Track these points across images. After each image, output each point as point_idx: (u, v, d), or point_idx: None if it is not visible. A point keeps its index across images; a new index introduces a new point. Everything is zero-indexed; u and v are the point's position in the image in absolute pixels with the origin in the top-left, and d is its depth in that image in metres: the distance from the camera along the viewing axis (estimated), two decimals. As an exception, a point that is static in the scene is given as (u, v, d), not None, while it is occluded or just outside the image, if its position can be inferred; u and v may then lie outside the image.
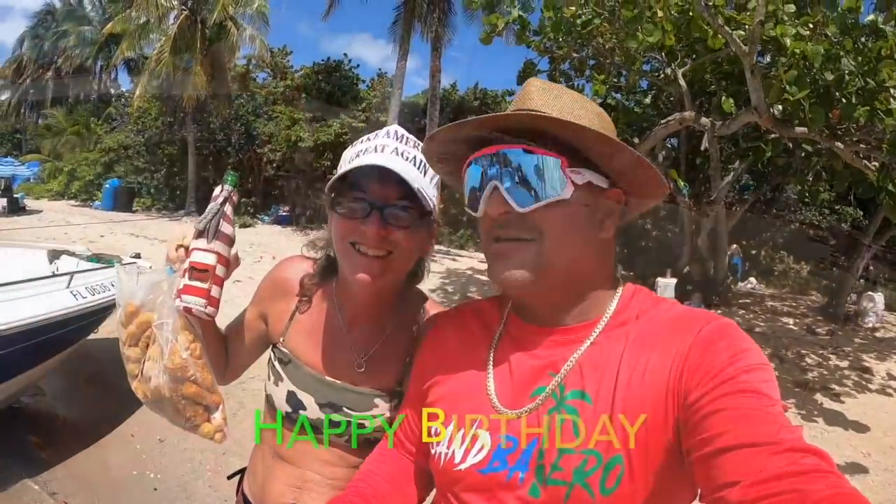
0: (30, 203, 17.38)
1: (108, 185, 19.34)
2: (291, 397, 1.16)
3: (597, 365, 0.81)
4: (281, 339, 1.21)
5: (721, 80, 7.57)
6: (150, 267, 0.99)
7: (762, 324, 8.71)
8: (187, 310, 1.05)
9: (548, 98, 0.85)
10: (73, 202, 20.84)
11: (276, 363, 1.21)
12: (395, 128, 1.11)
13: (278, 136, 17.48)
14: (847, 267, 9.84)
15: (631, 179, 0.86)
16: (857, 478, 3.99)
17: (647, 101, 10.30)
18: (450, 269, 11.82)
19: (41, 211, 15.81)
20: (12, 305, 3.24)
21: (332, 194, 1.06)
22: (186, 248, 1.07)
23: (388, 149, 1.05)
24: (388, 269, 1.05)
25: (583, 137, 0.79)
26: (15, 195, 15.92)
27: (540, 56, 7.68)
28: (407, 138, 1.09)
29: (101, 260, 4.86)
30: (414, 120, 18.39)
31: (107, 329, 4.97)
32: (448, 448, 0.87)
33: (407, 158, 1.04)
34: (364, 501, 0.95)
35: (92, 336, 4.65)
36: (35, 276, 3.72)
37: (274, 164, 18.72)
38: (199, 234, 1.06)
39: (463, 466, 0.84)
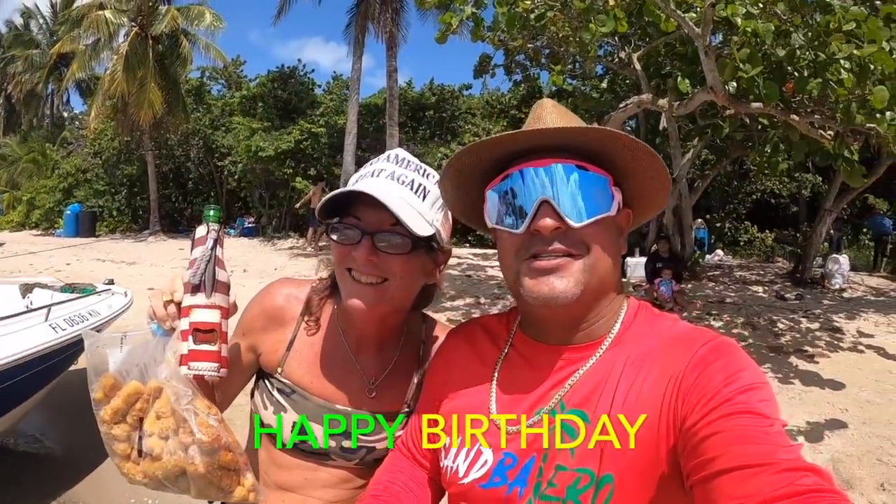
0: (-10, 236, 16.87)
1: (69, 212, 18.85)
2: (298, 428, 1.12)
3: (596, 385, 0.82)
4: (279, 370, 1.16)
5: (676, 61, 7.74)
6: (124, 335, 0.87)
7: (733, 294, 8.93)
8: (198, 378, 0.93)
9: (566, 119, 0.89)
10: (34, 231, 20.31)
11: (276, 393, 1.15)
12: (396, 151, 1.10)
13: (238, 148, 17.27)
14: (810, 232, 10.13)
15: (645, 201, 0.92)
16: (837, 433, 4.14)
17: (604, 85, 10.47)
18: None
19: (3, 244, 15.32)
20: (-7, 344, 3.20)
21: (329, 219, 1.03)
22: (178, 305, 0.96)
23: (384, 173, 1.04)
24: (383, 296, 1.02)
25: (635, 157, 0.84)
26: (-27, 230, 15.42)
27: (495, 49, 7.76)
28: (407, 161, 1.07)
29: (76, 289, 4.78)
30: (373, 121, 18.36)
31: (84, 357, 4.91)
32: (453, 462, 0.89)
33: (403, 182, 1.03)
34: None
35: (73, 367, 4.59)
36: (11, 312, 3.66)
37: (235, 176, 18.51)
38: (195, 289, 0.94)
39: (466, 481, 0.86)
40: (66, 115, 29.95)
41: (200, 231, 0.97)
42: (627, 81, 9.25)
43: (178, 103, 17.63)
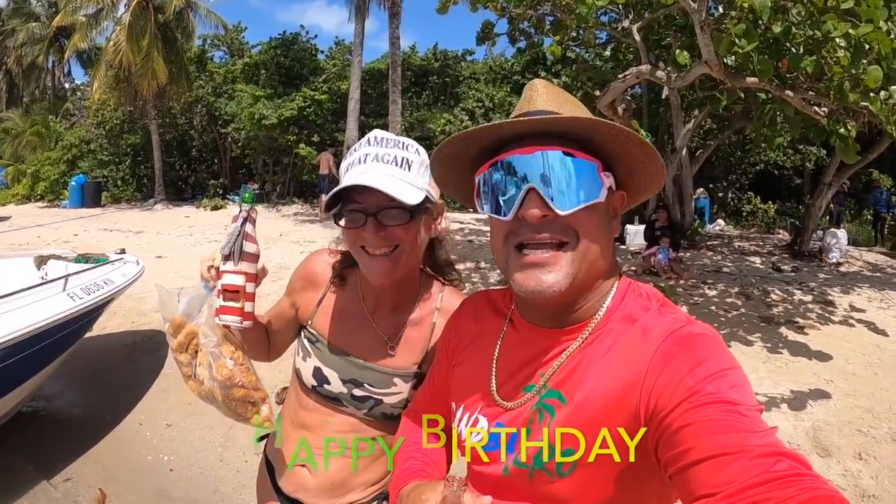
0: (-3, 210, 16.99)
1: (74, 183, 18.91)
2: (317, 372, 1.32)
3: (574, 368, 0.86)
4: (309, 322, 1.37)
5: (675, 33, 7.73)
6: (181, 289, 1.12)
7: (730, 264, 9.00)
8: (226, 326, 1.17)
9: (557, 100, 0.89)
10: (40, 204, 20.37)
11: (306, 341, 1.37)
12: (374, 133, 1.23)
13: (241, 115, 17.25)
14: (811, 205, 10.16)
15: (638, 184, 0.92)
16: (820, 402, 4.26)
17: (607, 53, 10.40)
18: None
19: (9, 217, 15.46)
20: (16, 315, 3.35)
21: (334, 210, 1.19)
22: (217, 269, 1.17)
23: (369, 157, 1.17)
24: (397, 261, 1.18)
25: (624, 143, 0.83)
26: (-20, 205, 15.48)
27: (498, 17, 7.74)
28: (386, 140, 1.20)
29: (89, 259, 4.92)
30: (376, 86, 18.27)
31: (99, 326, 5.08)
32: (458, 426, 1.00)
33: (387, 161, 1.16)
34: (430, 468, 1.07)
35: (88, 334, 4.77)
36: (30, 283, 3.82)
37: (239, 144, 18.53)
38: (226, 258, 1.14)
39: (468, 443, 0.96)
40: (67, 86, 29.75)
41: (236, 210, 1.18)
42: (631, 50, 9.18)
43: (181, 72, 17.57)
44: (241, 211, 1.17)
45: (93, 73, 18.89)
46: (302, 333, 1.40)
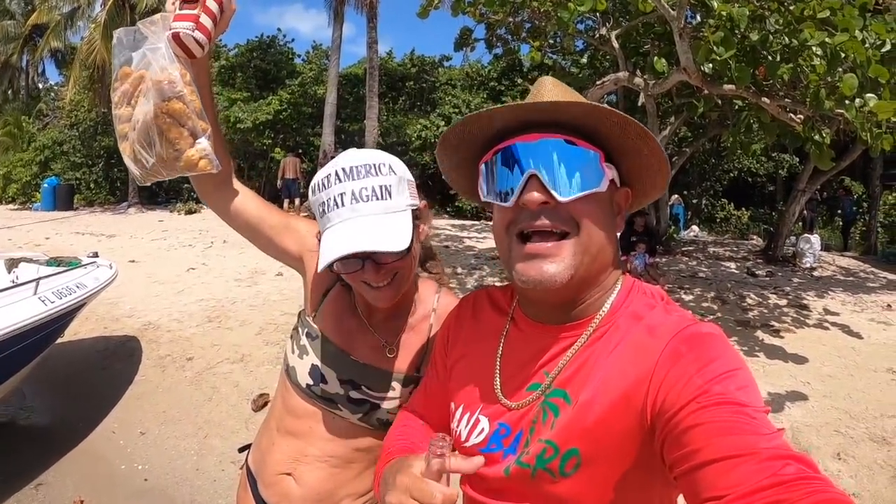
0: (-34, 213, 16.54)
1: (46, 185, 18.49)
2: (315, 371, 1.26)
3: (580, 367, 0.84)
4: (313, 315, 1.31)
5: (653, 41, 7.83)
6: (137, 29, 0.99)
7: (705, 269, 9.12)
8: (175, 36, 1.05)
9: (565, 95, 0.88)
10: (11, 206, 19.91)
11: (304, 338, 1.30)
12: (342, 164, 1.12)
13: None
14: (784, 211, 10.35)
15: (642, 180, 0.91)
16: (798, 404, 4.33)
17: (584, 60, 10.51)
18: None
19: (-23, 219, 15.10)
20: (-17, 318, 3.26)
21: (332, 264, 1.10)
22: None
23: (346, 196, 1.09)
24: (399, 286, 1.17)
25: (628, 135, 0.84)
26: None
27: (476, 23, 7.78)
28: (356, 170, 1.10)
29: (61, 263, 4.82)
30: (352, 91, 18.23)
31: (71, 331, 4.96)
32: (457, 426, 0.97)
33: (366, 198, 1.09)
34: (415, 446, 1.02)
35: (59, 340, 4.65)
36: (1, 287, 3.71)
37: (215, 149, 18.30)
38: None
39: (468, 444, 0.93)
40: (41, 86, 29.12)
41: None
42: (608, 57, 9.29)
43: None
44: None
45: (67, 73, 18.54)
46: (300, 330, 1.33)
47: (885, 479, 3.47)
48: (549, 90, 0.89)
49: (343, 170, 1.11)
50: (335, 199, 1.09)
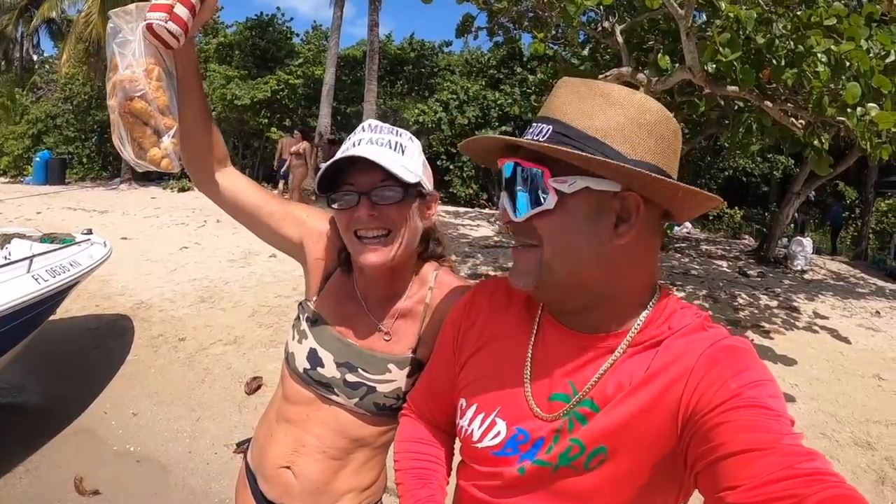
0: (-43, 185, 16.32)
1: (38, 159, 18.25)
2: (312, 354, 1.26)
3: (614, 384, 0.84)
4: (313, 299, 1.33)
5: (658, 37, 7.80)
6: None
7: (697, 267, 9.15)
8: (149, 27, 1.03)
9: (567, 102, 0.83)
10: (2, 179, 19.65)
11: (304, 322, 1.30)
12: (368, 122, 1.21)
13: (212, 96, 16.89)
14: (778, 212, 10.40)
15: (646, 184, 0.82)
16: (785, 406, 4.41)
17: (585, 52, 10.46)
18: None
19: (-31, 192, 14.91)
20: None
21: (327, 195, 1.17)
22: None
23: (363, 141, 1.15)
24: (390, 247, 1.15)
25: (554, 153, 0.80)
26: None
27: (479, 10, 7.72)
28: (380, 127, 1.19)
29: (55, 240, 4.77)
30: (350, 73, 18.12)
31: (63, 309, 4.93)
32: (469, 425, 0.96)
33: (381, 144, 1.14)
34: (439, 493, 1.05)
35: (51, 317, 4.62)
36: (-7, 264, 3.69)
37: (209, 125, 18.15)
38: None
39: (479, 445, 0.93)
40: (35, 58, 28.69)
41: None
42: (609, 50, 9.25)
43: (153, 49, 17.10)
44: None
45: (62, 46, 18.25)
46: (301, 316, 1.34)
47: (869, 483, 3.53)
48: (559, 98, 0.85)
49: (369, 125, 1.20)
50: (353, 143, 1.16)
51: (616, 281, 0.85)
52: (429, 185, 1.21)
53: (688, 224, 14.51)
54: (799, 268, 9.57)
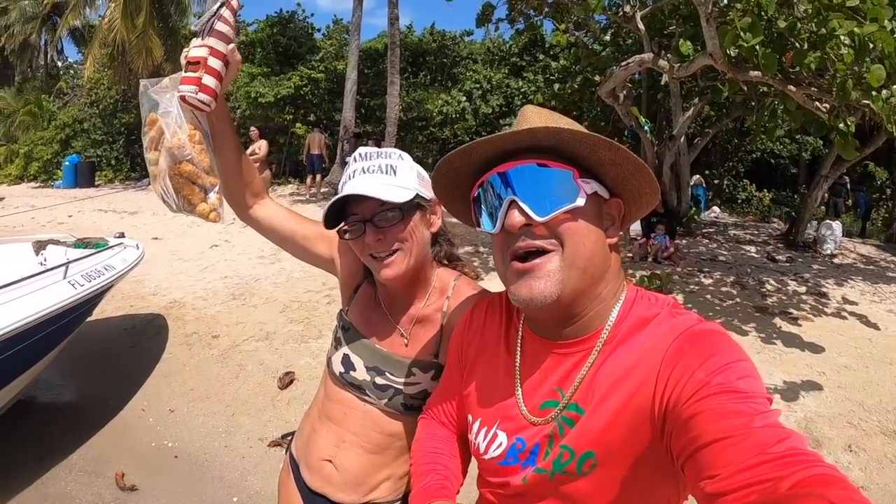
0: (-10, 191, 16.75)
1: (67, 163, 18.71)
2: (346, 359, 1.39)
3: (593, 380, 0.89)
4: (346, 309, 1.47)
5: (679, 22, 7.70)
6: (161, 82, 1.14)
7: (725, 252, 9.04)
8: (182, 98, 1.18)
9: (545, 119, 0.92)
10: (33, 184, 20.18)
11: (340, 330, 1.44)
12: (359, 151, 1.32)
13: (237, 94, 17.09)
14: (807, 196, 10.19)
15: (628, 188, 0.93)
16: (812, 394, 4.33)
17: (607, 38, 10.35)
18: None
19: (3, 198, 15.31)
20: (17, 304, 3.34)
21: (339, 227, 1.28)
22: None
23: (356, 173, 1.26)
24: (402, 260, 1.26)
25: (592, 148, 0.87)
26: (-27, 186, 15.15)
27: (499, -1, 7.72)
28: (370, 154, 1.29)
29: (89, 244, 4.90)
30: (373, 66, 18.13)
31: (99, 310, 5.09)
32: (476, 438, 1.03)
33: (373, 171, 1.25)
34: (449, 480, 1.10)
35: (88, 319, 4.77)
36: (29, 270, 3.81)
37: (234, 122, 18.28)
38: (197, 34, 1.20)
39: (486, 457, 1.00)
40: (60, 64, 29.31)
41: None
42: (632, 35, 9.14)
43: (176, 50, 17.34)
44: None
45: (86, 52, 18.64)
46: (338, 324, 1.47)
47: (895, 473, 3.49)
48: (532, 117, 0.93)
49: (360, 154, 1.30)
50: (349, 175, 1.27)
51: (606, 279, 0.92)
52: (428, 193, 1.29)
53: (716, 208, 14.31)
54: (828, 252, 9.38)
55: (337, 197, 1.22)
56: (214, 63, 1.18)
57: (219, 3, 1.19)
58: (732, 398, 0.69)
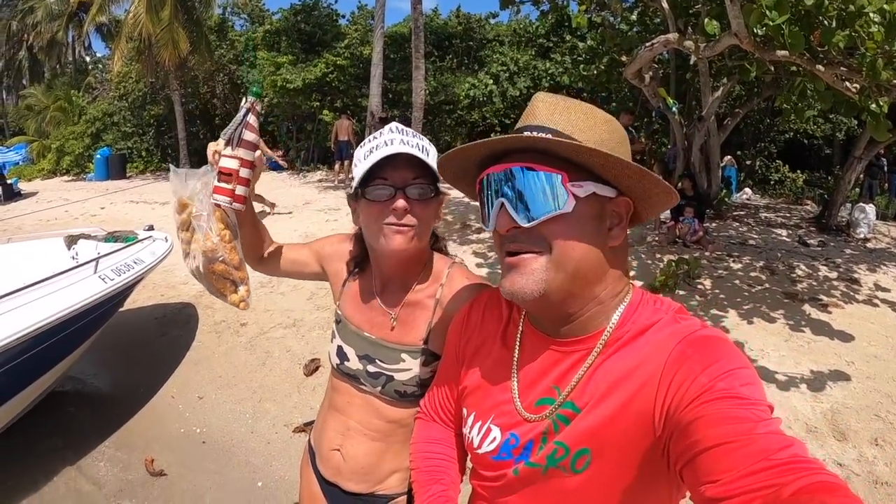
0: (24, 186, 16.99)
1: (98, 156, 19.08)
2: (339, 350, 1.43)
3: (591, 380, 0.88)
4: (337, 303, 1.50)
5: (705, 0, 7.51)
6: (187, 172, 1.25)
7: (756, 236, 8.84)
8: (217, 205, 1.29)
9: (554, 113, 0.89)
10: (65, 178, 20.60)
11: (334, 324, 1.49)
12: (393, 124, 1.30)
13: (264, 83, 17.21)
14: (840, 178, 9.90)
15: (634, 190, 0.90)
16: (840, 384, 4.22)
17: (634, 17, 10.14)
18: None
19: (37, 192, 15.71)
20: (49, 299, 3.46)
21: (358, 187, 1.27)
22: (219, 153, 1.28)
23: (395, 141, 1.23)
24: (414, 237, 1.26)
25: (578, 153, 0.84)
26: (8, 181, 15.36)
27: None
28: (405, 130, 1.27)
29: (118, 238, 5.03)
30: (398, 51, 18.07)
31: (130, 300, 5.22)
32: (470, 433, 1.04)
33: (411, 146, 1.23)
34: (451, 489, 1.13)
35: (118, 310, 4.90)
36: (61, 265, 3.95)
37: (262, 111, 18.42)
38: (227, 143, 1.27)
39: (480, 451, 1.01)
40: (88, 60, 29.85)
41: (242, 102, 1.30)
42: (658, 13, 8.94)
43: (201, 41, 17.55)
44: (246, 101, 1.29)
45: (113, 46, 18.94)
46: (335, 318, 1.51)
47: (923, 468, 3.40)
48: (541, 109, 0.91)
49: (396, 127, 1.28)
50: (385, 141, 1.24)
51: (604, 282, 0.91)
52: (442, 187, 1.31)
53: (748, 190, 13.96)
54: (861, 235, 9.11)
55: (383, 153, 1.19)
56: (245, 173, 1.28)
57: (244, 111, 1.27)
58: (735, 404, 0.69)
